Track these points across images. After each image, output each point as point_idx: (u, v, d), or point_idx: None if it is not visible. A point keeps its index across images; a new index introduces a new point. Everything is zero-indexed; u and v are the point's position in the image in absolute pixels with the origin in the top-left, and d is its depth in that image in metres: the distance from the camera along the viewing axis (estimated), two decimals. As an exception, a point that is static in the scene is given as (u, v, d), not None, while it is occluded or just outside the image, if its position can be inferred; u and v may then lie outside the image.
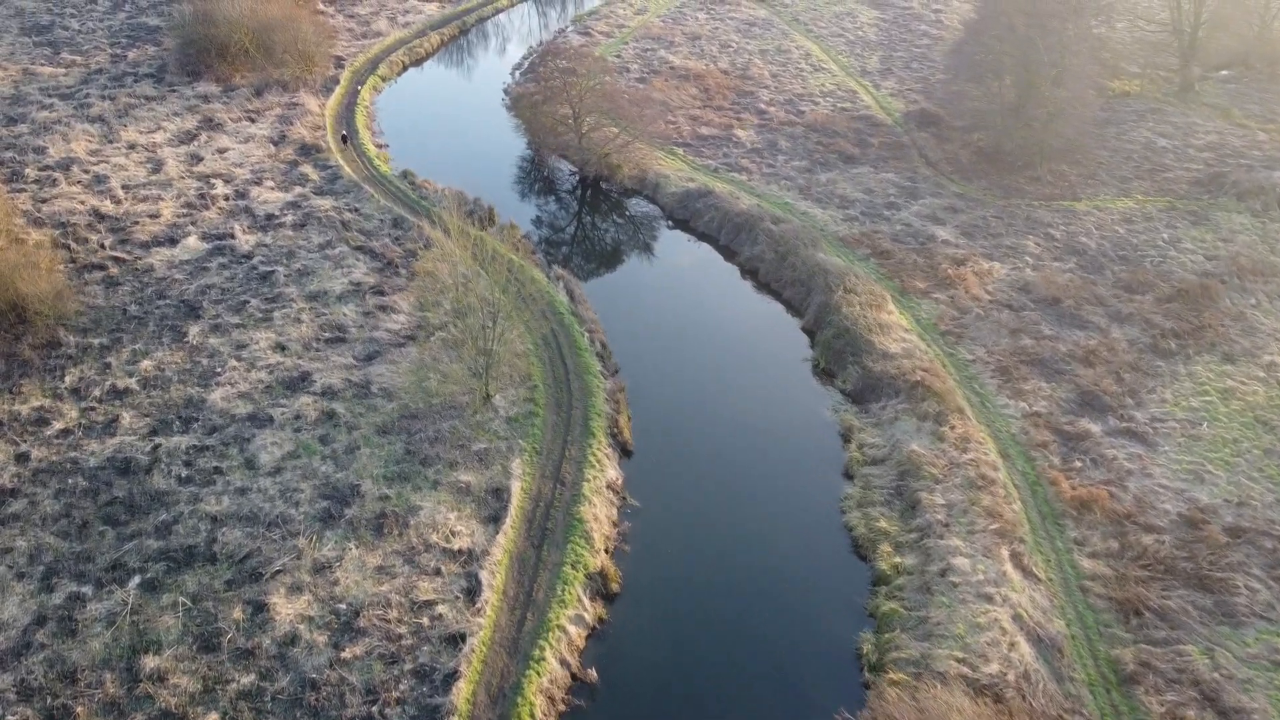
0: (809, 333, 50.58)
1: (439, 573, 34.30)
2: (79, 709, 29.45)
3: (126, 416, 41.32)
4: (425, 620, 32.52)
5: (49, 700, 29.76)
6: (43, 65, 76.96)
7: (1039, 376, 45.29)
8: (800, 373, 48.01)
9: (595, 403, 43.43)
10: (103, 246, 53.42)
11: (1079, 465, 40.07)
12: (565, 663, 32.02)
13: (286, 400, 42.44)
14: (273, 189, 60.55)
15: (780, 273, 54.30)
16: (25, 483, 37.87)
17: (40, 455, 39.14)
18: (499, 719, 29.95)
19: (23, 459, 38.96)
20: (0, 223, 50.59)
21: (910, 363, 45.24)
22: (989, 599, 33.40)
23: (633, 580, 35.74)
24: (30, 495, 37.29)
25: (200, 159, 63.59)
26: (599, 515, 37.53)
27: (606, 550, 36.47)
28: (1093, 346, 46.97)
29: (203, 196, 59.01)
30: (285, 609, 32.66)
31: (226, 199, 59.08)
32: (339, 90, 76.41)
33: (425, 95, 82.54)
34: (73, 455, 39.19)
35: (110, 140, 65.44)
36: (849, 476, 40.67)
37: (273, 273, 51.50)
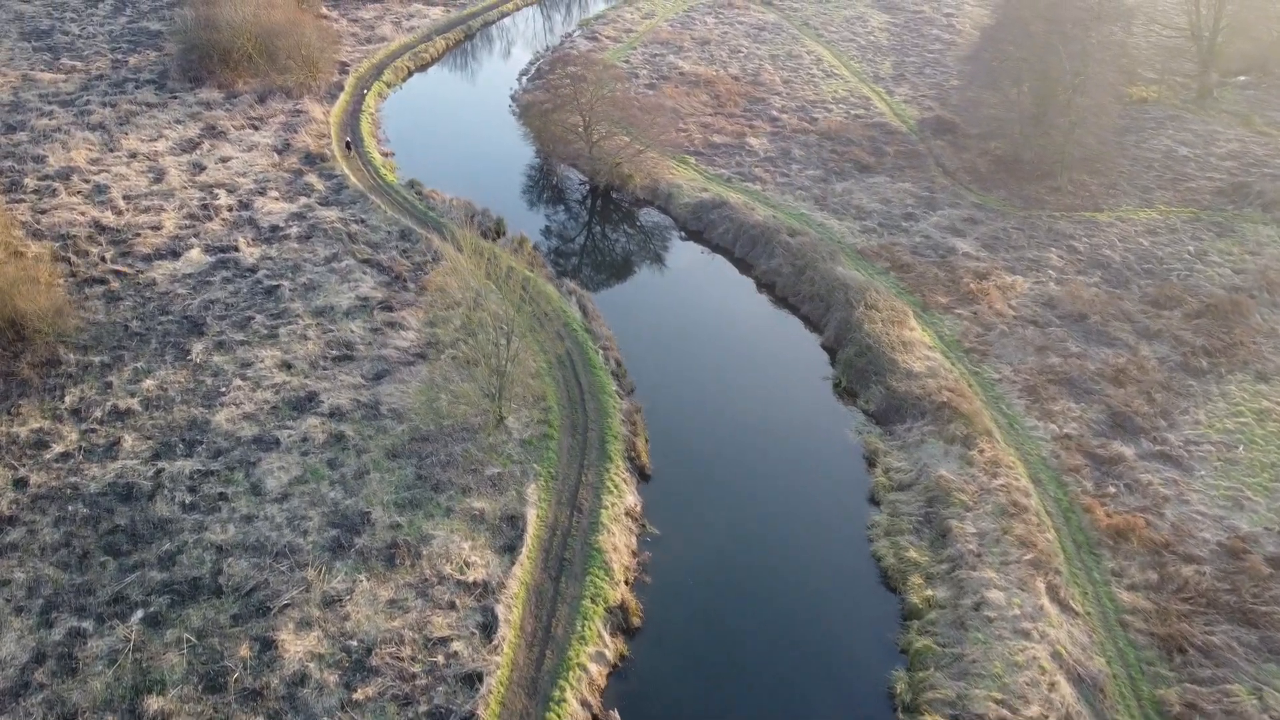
0: (829, 349, 49.22)
1: (453, 607, 32.98)
2: (79, 755, 28.22)
3: (128, 439, 40.02)
4: (440, 658, 31.18)
5: (48, 746, 28.52)
6: (42, 71, 75.63)
7: (1068, 396, 43.95)
8: (821, 392, 46.62)
9: (611, 424, 42.10)
10: (103, 259, 52.11)
11: (1113, 491, 38.74)
12: (586, 704, 30.69)
13: (293, 422, 41.13)
14: (277, 199, 59.22)
15: (798, 287, 52.93)
16: (24, 510, 36.57)
17: (39, 480, 37.82)
18: (518, 765, 28.75)
19: (21, 484, 37.65)
20: (-1, 236, 49.45)
21: (935, 382, 43.90)
22: (1026, 635, 32.09)
23: (654, 614, 34.37)
24: (29, 523, 35.97)
25: (203, 168, 62.27)
26: (618, 544, 36.20)
27: (626, 582, 35.13)
28: (1122, 365, 45.64)
29: (205, 207, 57.71)
30: (294, 646, 31.35)
31: (230, 209, 57.76)
32: (343, 97, 75.04)
33: (431, 101, 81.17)
34: (73, 480, 37.86)
35: (111, 148, 64.11)
36: (875, 502, 39.32)
37: (278, 287, 50.18)
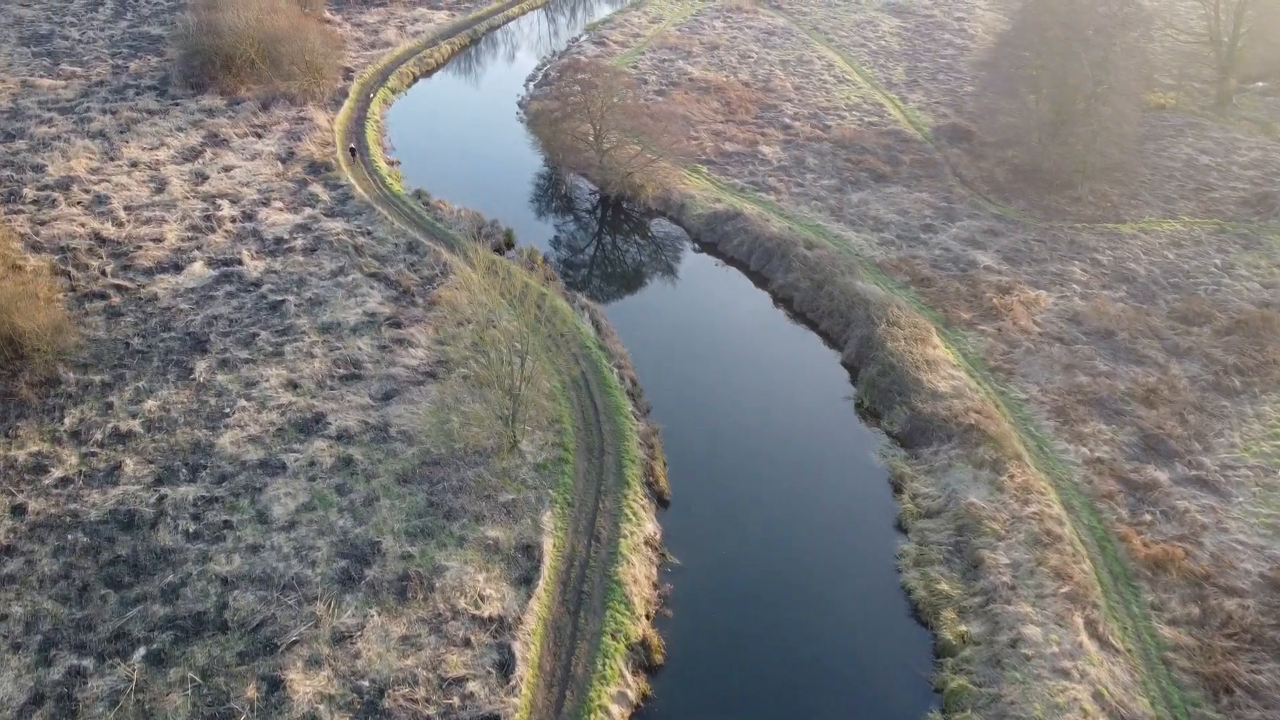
0: (849, 367, 47.90)
1: (469, 644, 31.64)
2: (79, 806, 26.93)
3: (130, 463, 38.68)
4: (456, 700, 29.85)
5: (46, 795, 27.24)
6: (41, 77, 74.28)
7: (1098, 418, 42.63)
8: (843, 412, 45.28)
9: (628, 447, 40.78)
10: (104, 273, 50.75)
11: (1149, 519, 37.42)
12: (609, 748, 29.45)
13: (300, 445, 39.80)
14: (281, 210, 57.89)
15: (816, 302, 51.61)
16: (22, 539, 35.21)
17: (38, 508, 36.48)
18: (539, 815, 27.45)
19: (19, 512, 36.30)
20: (-4, 250, 48.13)
21: (961, 403, 42.59)
22: (1066, 674, 30.79)
23: (676, 650, 33.03)
24: (27, 553, 34.62)
25: (205, 177, 60.92)
26: (638, 576, 34.87)
27: (648, 616, 33.78)
28: (1152, 384, 44.34)
29: (208, 218, 56.36)
30: (303, 686, 30.03)
31: (233, 221, 56.42)
32: (348, 104, 73.71)
33: (437, 108, 79.83)
34: (72, 507, 36.53)
35: (111, 157, 62.76)
36: (903, 530, 38.00)
37: (283, 302, 48.85)
